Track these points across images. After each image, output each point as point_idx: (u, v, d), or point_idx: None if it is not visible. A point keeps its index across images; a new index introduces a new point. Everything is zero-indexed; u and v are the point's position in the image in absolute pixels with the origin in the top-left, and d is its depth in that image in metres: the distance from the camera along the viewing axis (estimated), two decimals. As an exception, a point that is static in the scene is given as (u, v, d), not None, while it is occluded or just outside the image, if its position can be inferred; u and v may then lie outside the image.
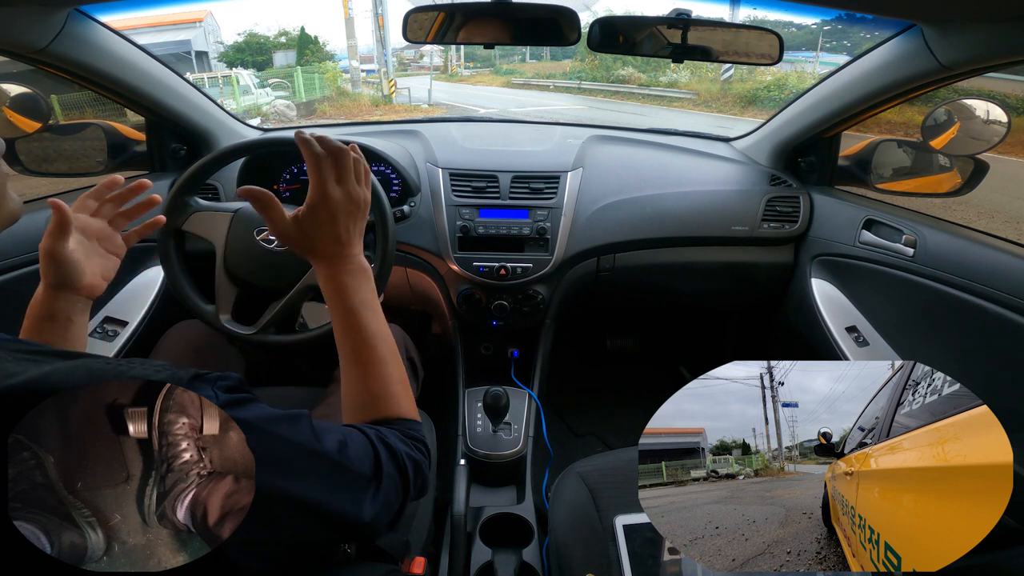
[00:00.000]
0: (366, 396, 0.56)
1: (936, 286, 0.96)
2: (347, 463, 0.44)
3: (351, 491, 0.44)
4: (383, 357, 0.57)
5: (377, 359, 0.56)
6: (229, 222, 0.91)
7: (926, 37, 0.87)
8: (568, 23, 0.91)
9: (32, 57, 0.93)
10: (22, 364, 0.33)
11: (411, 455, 0.51)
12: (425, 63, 22.60)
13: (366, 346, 0.56)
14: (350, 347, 0.57)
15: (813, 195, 1.27)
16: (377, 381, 0.56)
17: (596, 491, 0.83)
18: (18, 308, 0.96)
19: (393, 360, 0.58)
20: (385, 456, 0.48)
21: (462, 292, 1.21)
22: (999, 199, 4.25)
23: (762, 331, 1.52)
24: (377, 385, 0.56)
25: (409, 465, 0.50)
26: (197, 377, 0.38)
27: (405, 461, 0.50)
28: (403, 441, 0.52)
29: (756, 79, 12.98)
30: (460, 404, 1.22)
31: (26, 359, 0.34)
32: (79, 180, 1.21)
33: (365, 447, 0.47)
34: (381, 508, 0.46)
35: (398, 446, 0.50)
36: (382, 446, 0.49)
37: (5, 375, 0.31)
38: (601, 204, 1.23)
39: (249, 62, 19.32)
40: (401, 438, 0.52)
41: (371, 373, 0.56)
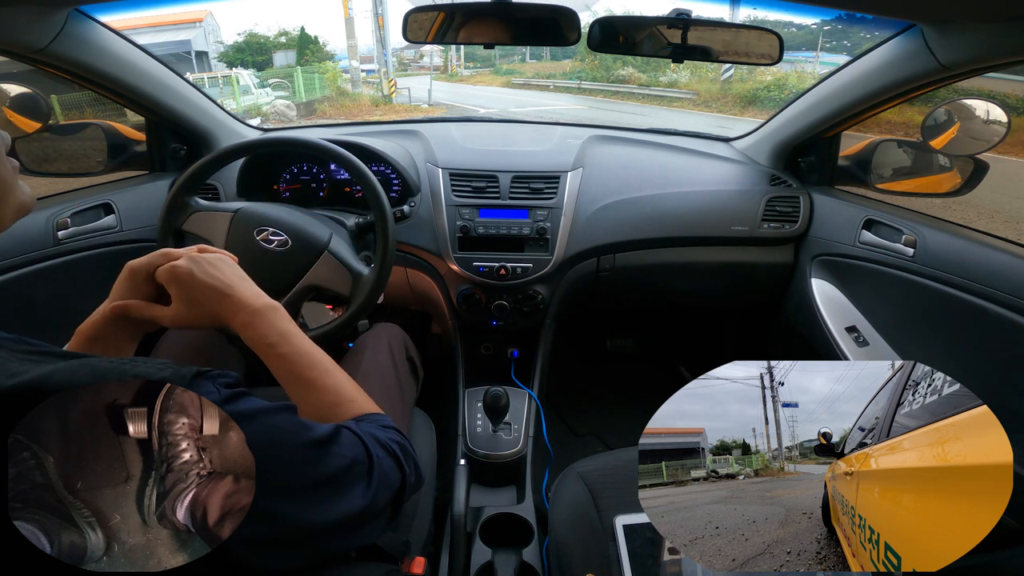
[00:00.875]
0: (326, 408, 0.56)
1: (936, 286, 0.96)
2: (339, 449, 0.45)
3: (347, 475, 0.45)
4: (326, 370, 0.58)
5: (319, 375, 0.58)
6: (229, 222, 0.91)
7: (926, 37, 0.87)
8: (568, 23, 0.91)
9: (32, 57, 0.93)
10: (24, 364, 0.33)
11: (393, 438, 0.53)
12: (425, 63, 22.60)
13: (303, 368, 0.57)
14: (291, 377, 0.58)
15: (813, 195, 1.27)
16: (328, 392, 0.57)
17: (596, 491, 0.83)
18: (18, 308, 0.96)
19: (335, 370, 0.59)
20: (371, 441, 0.49)
21: (462, 292, 1.21)
22: (999, 199, 4.24)
23: (762, 331, 1.52)
24: (330, 395, 0.57)
25: (396, 448, 0.52)
26: (199, 374, 0.38)
27: (391, 444, 0.52)
28: (381, 429, 0.54)
29: (756, 79, 12.97)
30: (460, 404, 1.22)
31: (28, 359, 0.34)
32: (79, 180, 1.21)
33: (351, 436, 0.48)
34: (380, 488, 0.47)
35: (378, 433, 0.52)
36: (365, 434, 0.50)
37: (8, 374, 0.31)
38: (601, 204, 1.23)
39: (249, 62, 19.31)
40: (379, 427, 0.54)
41: (319, 388, 0.57)
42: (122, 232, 1.14)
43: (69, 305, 1.04)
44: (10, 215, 0.45)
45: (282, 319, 0.61)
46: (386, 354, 0.99)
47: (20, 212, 0.46)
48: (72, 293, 1.05)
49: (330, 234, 0.91)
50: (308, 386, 0.57)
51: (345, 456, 0.45)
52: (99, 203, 1.12)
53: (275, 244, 0.90)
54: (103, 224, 1.12)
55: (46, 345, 0.39)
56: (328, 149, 0.92)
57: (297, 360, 0.57)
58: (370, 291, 0.87)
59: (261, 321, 0.59)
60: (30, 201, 0.47)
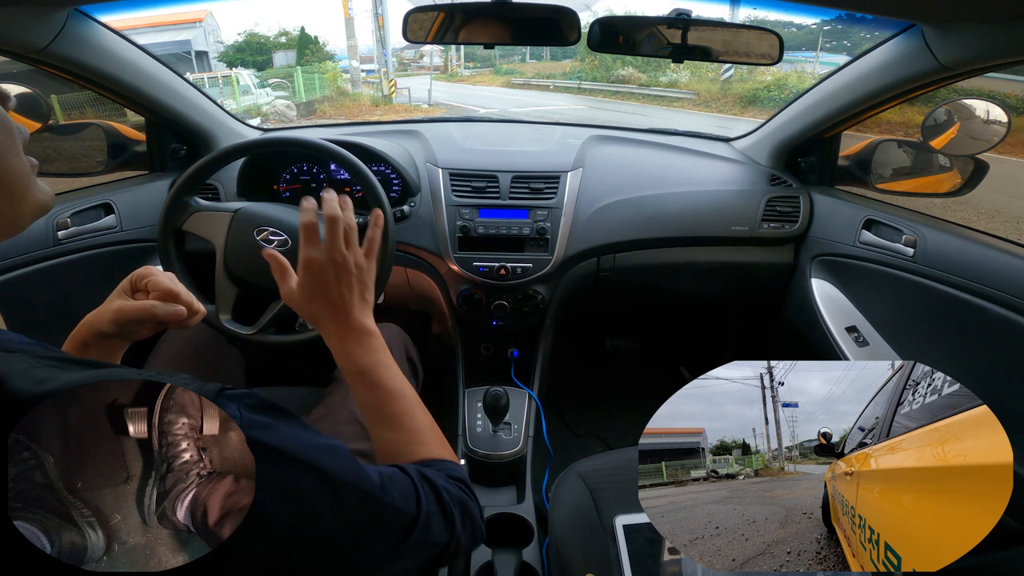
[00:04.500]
0: (397, 446, 0.55)
1: (936, 286, 0.96)
2: (389, 500, 0.43)
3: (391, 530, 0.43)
4: (405, 410, 0.57)
5: (400, 412, 0.57)
6: (229, 222, 0.91)
7: (926, 37, 0.87)
8: (568, 23, 0.91)
9: (32, 57, 0.93)
10: (50, 371, 0.33)
11: (453, 493, 0.50)
12: (425, 63, 22.60)
13: (386, 403, 0.57)
14: (370, 406, 0.57)
15: (813, 195, 1.27)
16: (405, 432, 0.56)
17: (596, 491, 0.83)
18: (18, 308, 0.96)
19: (418, 411, 0.58)
20: (426, 493, 0.47)
21: (462, 292, 1.21)
22: (999, 199, 4.24)
23: (762, 331, 1.52)
24: (405, 435, 0.56)
25: (452, 504, 0.49)
26: (223, 393, 0.36)
27: (447, 499, 0.49)
28: (446, 480, 0.51)
29: (756, 79, 12.97)
30: (460, 404, 1.22)
31: (53, 366, 0.34)
32: (79, 180, 1.21)
33: (406, 484, 0.46)
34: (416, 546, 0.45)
35: (440, 483, 0.49)
36: (423, 482, 0.47)
37: (35, 380, 0.31)
38: (601, 204, 1.23)
39: (249, 62, 19.30)
40: (444, 477, 0.51)
41: (397, 426, 0.56)
42: (122, 232, 1.14)
43: (69, 305, 1.04)
44: (28, 214, 0.43)
45: (378, 348, 0.60)
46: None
47: (38, 212, 0.44)
48: (72, 293, 1.05)
49: (330, 234, 0.91)
50: (386, 421, 0.57)
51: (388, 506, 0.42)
52: (99, 203, 1.12)
53: (275, 244, 0.90)
54: (103, 224, 1.12)
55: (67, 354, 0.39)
56: (328, 149, 0.92)
57: (382, 393, 0.57)
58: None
59: (355, 341, 0.59)
60: (49, 200, 0.45)
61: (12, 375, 0.31)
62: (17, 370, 0.32)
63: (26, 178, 0.42)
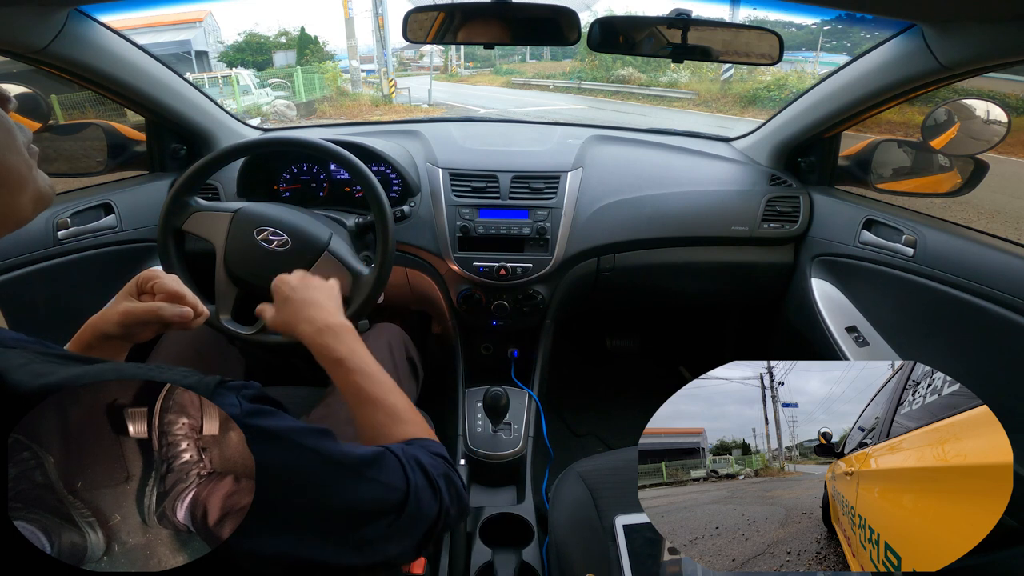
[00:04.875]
0: (380, 428, 0.59)
1: (936, 286, 0.96)
2: (382, 477, 0.45)
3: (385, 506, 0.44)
4: (385, 390, 0.62)
5: (380, 394, 0.61)
6: (229, 222, 0.91)
7: (926, 37, 0.87)
8: (568, 23, 0.91)
9: (32, 57, 0.93)
10: (50, 366, 0.33)
11: (438, 467, 0.52)
12: (425, 63, 22.58)
13: (365, 385, 0.61)
14: (352, 391, 0.62)
15: (813, 195, 1.27)
16: (385, 412, 0.60)
17: (596, 491, 0.83)
18: (18, 308, 0.96)
19: (395, 393, 0.62)
20: (413, 468, 0.48)
21: (462, 292, 1.21)
22: (999, 199, 4.24)
23: (762, 331, 1.52)
24: (384, 416, 0.59)
25: (438, 477, 0.51)
26: (222, 384, 0.38)
27: (432, 472, 0.51)
28: (429, 456, 0.53)
29: (756, 79, 12.96)
30: (460, 404, 1.22)
31: (52, 361, 0.34)
32: (79, 180, 1.21)
33: (393, 461, 0.47)
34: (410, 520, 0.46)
35: (424, 458, 0.51)
36: (408, 458, 0.49)
37: (36, 374, 0.32)
38: (601, 204, 1.23)
39: (249, 62, 19.29)
40: (427, 453, 0.53)
41: (379, 405, 0.60)
42: (122, 232, 1.14)
43: (69, 305, 1.04)
44: (29, 205, 0.44)
45: (351, 339, 0.66)
46: (386, 354, 0.99)
47: (40, 202, 0.45)
48: (72, 293, 1.05)
49: (330, 234, 0.91)
50: (368, 402, 0.60)
51: (380, 482, 0.44)
52: (99, 203, 1.12)
53: (275, 244, 0.90)
54: (103, 224, 1.12)
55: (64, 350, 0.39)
56: (328, 149, 0.92)
57: (361, 376, 0.62)
58: (370, 291, 0.87)
59: (331, 336, 0.65)
60: (50, 191, 0.46)
61: (12, 369, 0.31)
62: (17, 365, 0.32)
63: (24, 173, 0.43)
